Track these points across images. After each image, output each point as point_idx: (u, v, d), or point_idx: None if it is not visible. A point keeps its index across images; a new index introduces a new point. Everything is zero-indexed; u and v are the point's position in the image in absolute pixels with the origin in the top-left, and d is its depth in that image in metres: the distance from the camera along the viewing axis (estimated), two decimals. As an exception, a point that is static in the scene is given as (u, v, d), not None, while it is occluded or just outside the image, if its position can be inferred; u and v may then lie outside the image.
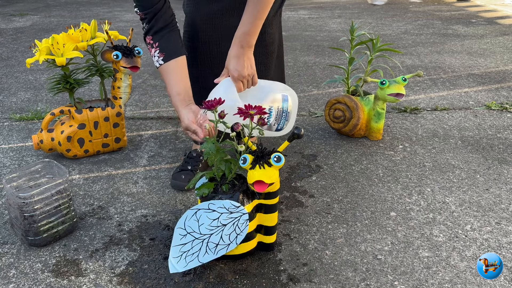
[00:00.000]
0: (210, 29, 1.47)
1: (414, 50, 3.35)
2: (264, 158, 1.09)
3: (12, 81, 2.74)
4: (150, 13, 1.39)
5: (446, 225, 1.34)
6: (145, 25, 1.42)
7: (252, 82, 1.41)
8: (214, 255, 1.11)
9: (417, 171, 1.64)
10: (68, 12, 5.12)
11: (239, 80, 1.37)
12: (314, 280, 1.13)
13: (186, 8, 1.52)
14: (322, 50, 3.42)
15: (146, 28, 1.42)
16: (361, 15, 4.85)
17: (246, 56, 1.36)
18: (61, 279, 1.14)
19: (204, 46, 1.50)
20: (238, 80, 1.36)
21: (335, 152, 1.80)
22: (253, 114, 1.12)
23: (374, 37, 1.93)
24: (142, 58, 3.21)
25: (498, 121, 2.07)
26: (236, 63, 1.35)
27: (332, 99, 1.89)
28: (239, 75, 1.35)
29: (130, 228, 1.34)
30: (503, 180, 1.58)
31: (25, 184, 1.31)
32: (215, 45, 1.49)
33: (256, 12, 1.32)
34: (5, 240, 1.29)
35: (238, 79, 1.36)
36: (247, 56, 1.36)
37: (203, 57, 1.51)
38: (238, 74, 1.35)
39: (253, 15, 1.32)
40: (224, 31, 1.46)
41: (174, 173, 1.58)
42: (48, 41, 1.61)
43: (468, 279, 1.13)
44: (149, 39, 1.43)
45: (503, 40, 3.62)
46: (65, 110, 1.71)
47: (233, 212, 1.11)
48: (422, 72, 1.77)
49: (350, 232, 1.32)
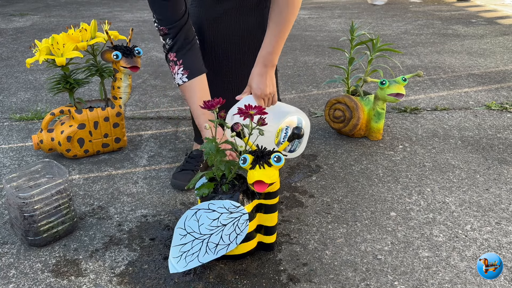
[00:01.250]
0: (215, 30, 1.47)
1: (414, 50, 3.35)
2: (264, 158, 1.09)
3: (12, 81, 2.74)
4: (175, 29, 1.34)
5: (446, 225, 1.34)
6: (168, 41, 1.36)
7: (272, 101, 1.43)
8: (214, 255, 1.11)
9: (417, 171, 1.64)
10: (68, 12, 5.12)
11: (261, 98, 1.38)
12: (314, 280, 1.13)
13: (191, 8, 1.51)
14: (322, 50, 3.42)
15: (169, 45, 1.37)
16: (361, 15, 4.85)
17: (269, 75, 1.38)
18: (61, 279, 1.14)
19: (209, 47, 1.49)
20: (260, 98, 1.38)
21: (335, 152, 1.80)
22: (253, 114, 1.12)
23: (374, 37, 1.93)
24: (142, 58, 3.22)
25: (498, 121, 2.07)
26: (259, 81, 1.36)
27: (332, 99, 1.89)
28: (262, 93, 1.37)
29: (130, 228, 1.34)
30: (503, 180, 1.58)
31: (25, 184, 1.31)
32: (220, 47, 1.49)
33: (278, 32, 1.33)
34: (5, 240, 1.29)
35: (260, 97, 1.38)
36: (269, 75, 1.38)
37: (207, 58, 1.50)
38: (260, 92, 1.36)
39: (276, 35, 1.33)
40: (229, 32, 1.46)
41: (174, 173, 1.58)
42: (48, 41, 1.61)
43: (468, 279, 1.13)
44: (173, 56, 1.38)
45: (503, 40, 3.62)
46: (65, 110, 1.71)
47: (233, 212, 1.11)
48: (422, 72, 1.77)
49: (350, 232, 1.31)
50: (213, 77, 1.50)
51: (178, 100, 2.40)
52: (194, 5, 1.49)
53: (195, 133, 1.71)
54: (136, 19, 4.80)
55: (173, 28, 1.34)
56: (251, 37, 1.49)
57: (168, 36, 1.36)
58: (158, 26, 1.36)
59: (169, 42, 1.37)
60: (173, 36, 1.35)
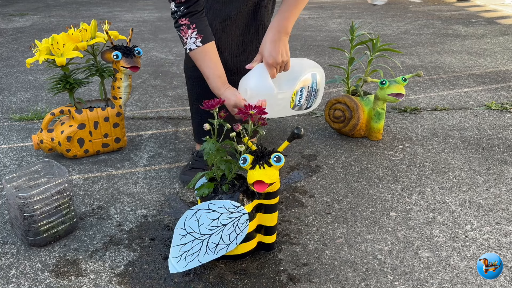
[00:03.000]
0: (222, 31, 1.45)
1: (414, 50, 3.35)
2: (264, 158, 1.09)
3: (12, 81, 2.74)
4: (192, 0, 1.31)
5: (446, 225, 1.34)
6: (183, 9, 1.31)
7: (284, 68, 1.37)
8: (214, 255, 1.11)
9: (417, 171, 1.64)
10: (68, 12, 5.12)
11: (273, 67, 1.32)
12: (314, 280, 1.13)
13: None
14: (322, 50, 3.42)
15: (183, 11, 1.32)
16: (361, 15, 4.85)
17: (282, 42, 1.32)
18: (61, 279, 1.14)
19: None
20: (272, 66, 1.32)
21: (335, 152, 1.80)
22: (253, 114, 1.12)
23: (374, 37, 1.93)
24: (142, 58, 3.22)
25: (498, 121, 2.07)
26: (272, 48, 1.31)
27: (332, 99, 1.89)
28: (274, 61, 1.31)
29: (130, 228, 1.34)
30: (503, 180, 1.58)
31: (25, 184, 1.31)
32: (226, 47, 1.47)
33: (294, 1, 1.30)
34: (5, 240, 1.29)
35: (272, 66, 1.32)
36: (283, 43, 1.32)
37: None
38: (272, 60, 1.31)
39: (291, 5, 1.30)
40: (235, 34, 1.46)
41: (184, 170, 1.59)
42: (48, 41, 1.61)
43: (468, 279, 1.13)
44: (185, 20, 1.32)
45: (503, 40, 3.62)
46: (65, 110, 1.71)
47: (233, 212, 1.11)
48: (422, 72, 1.77)
49: (350, 232, 1.31)
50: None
51: (178, 100, 2.40)
52: None
53: (195, 133, 1.70)
54: (136, 19, 4.80)
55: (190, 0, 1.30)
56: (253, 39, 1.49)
57: (184, 5, 1.31)
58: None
59: (183, 9, 1.31)
60: (189, 5, 1.31)
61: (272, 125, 2.06)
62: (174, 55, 3.31)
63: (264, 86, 1.30)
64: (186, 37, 1.33)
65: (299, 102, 1.38)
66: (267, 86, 1.31)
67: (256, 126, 1.15)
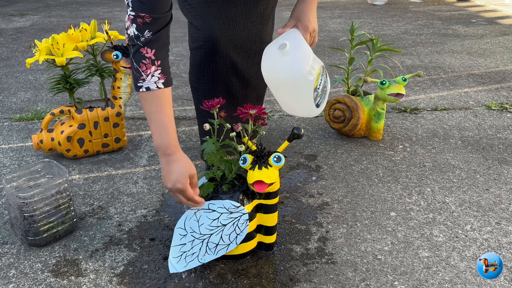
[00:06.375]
0: (223, 38, 1.41)
1: (414, 50, 3.35)
2: (264, 158, 1.09)
3: (12, 81, 2.74)
4: (160, 21, 1.09)
5: (446, 225, 1.34)
6: (147, 34, 1.08)
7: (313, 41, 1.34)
8: (214, 255, 1.11)
9: (417, 171, 1.64)
10: (68, 12, 5.12)
11: (309, 33, 1.28)
12: (314, 280, 1.13)
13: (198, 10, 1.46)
14: (322, 50, 3.42)
15: (147, 38, 1.08)
16: (361, 15, 4.85)
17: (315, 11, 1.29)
18: (61, 279, 1.14)
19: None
20: (309, 32, 1.28)
21: (335, 152, 1.80)
22: (253, 114, 1.12)
23: (374, 37, 1.93)
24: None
25: (498, 121, 2.07)
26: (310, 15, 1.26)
27: (332, 99, 1.89)
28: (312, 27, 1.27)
29: (130, 228, 1.34)
30: (503, 180, 1.58)
31: (25, 184, 1.31)
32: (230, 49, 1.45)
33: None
34: (5, 240, 1.29)
35: (308, 31, 1.28)
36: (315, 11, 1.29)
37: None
38: (311, 26, 1.27)
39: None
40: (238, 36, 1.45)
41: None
42: (48, 41, 1.61)
43: (468, 279, 1.13)
44: (151, 52, 1.09)
45: (503, 40, 3.62)
46: (65, 110, 1.71)
47: (233, 212, 1.11)
48: (422, 72, 1.77)
49: (350, 232, 1.31)
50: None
51: (178, 100, 2.40)
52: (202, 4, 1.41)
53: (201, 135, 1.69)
54: (136, 19, 4.79)
55: (159, 19, 1.08)
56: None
57: (149, 28, 1.08)
58: (136, 13, 1.06)
59: (148, 35, 1.08)
60: (156, 30, 1.09)
61: (272, 125, 2.06)
62: (174, 55, 3.31)
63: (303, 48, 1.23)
64: (147, 73, 1.10)
65: (319, 85, 1.29)
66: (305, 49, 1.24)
67: (256, 126, 1.15)
